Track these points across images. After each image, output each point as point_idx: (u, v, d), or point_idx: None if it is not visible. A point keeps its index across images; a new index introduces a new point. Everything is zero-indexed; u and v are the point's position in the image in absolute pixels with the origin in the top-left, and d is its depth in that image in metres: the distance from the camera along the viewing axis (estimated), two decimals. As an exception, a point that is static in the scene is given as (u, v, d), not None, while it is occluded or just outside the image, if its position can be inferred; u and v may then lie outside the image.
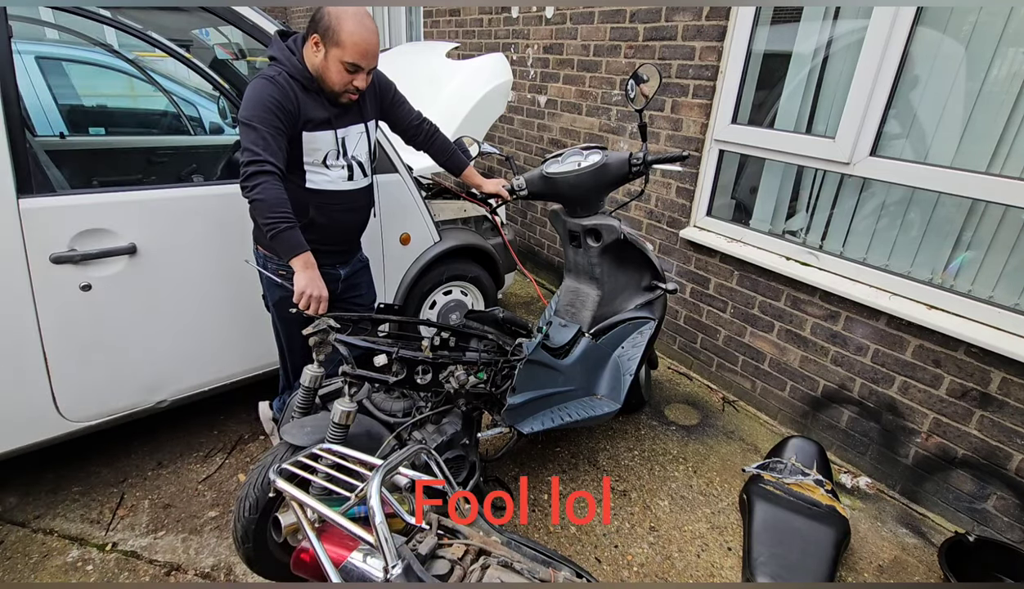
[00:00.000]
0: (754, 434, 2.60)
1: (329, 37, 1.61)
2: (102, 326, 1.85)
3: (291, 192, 1.65)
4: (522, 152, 4.13)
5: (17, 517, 1.93)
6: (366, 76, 1.70)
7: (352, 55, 1.62)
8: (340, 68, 1.64)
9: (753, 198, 2.69)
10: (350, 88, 1.69)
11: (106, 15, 2.29)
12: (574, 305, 2.23)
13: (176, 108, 3.24)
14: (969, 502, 2.05)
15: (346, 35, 1.60)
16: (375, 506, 0.86)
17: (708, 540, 2.01)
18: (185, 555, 1.83)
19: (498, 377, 1.82)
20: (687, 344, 3.07)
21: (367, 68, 1.69)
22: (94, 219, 1.75)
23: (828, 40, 2.27)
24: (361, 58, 1.64)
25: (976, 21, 1.89)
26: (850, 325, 2.28)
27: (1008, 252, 1.92)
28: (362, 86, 1.71)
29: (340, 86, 1.68)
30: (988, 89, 1.90)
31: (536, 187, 2.10)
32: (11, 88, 1.59)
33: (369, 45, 1.64)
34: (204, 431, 2.39)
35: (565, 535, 1.99)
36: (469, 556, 0.92)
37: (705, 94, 2.66)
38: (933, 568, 1.94)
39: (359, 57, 1.64)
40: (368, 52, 1.65)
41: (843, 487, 2.29)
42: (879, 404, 2.26)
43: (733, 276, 2.71)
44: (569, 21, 3.38)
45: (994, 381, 1.92)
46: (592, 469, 2.31)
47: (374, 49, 1.67)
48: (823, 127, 2.33)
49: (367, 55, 1.65)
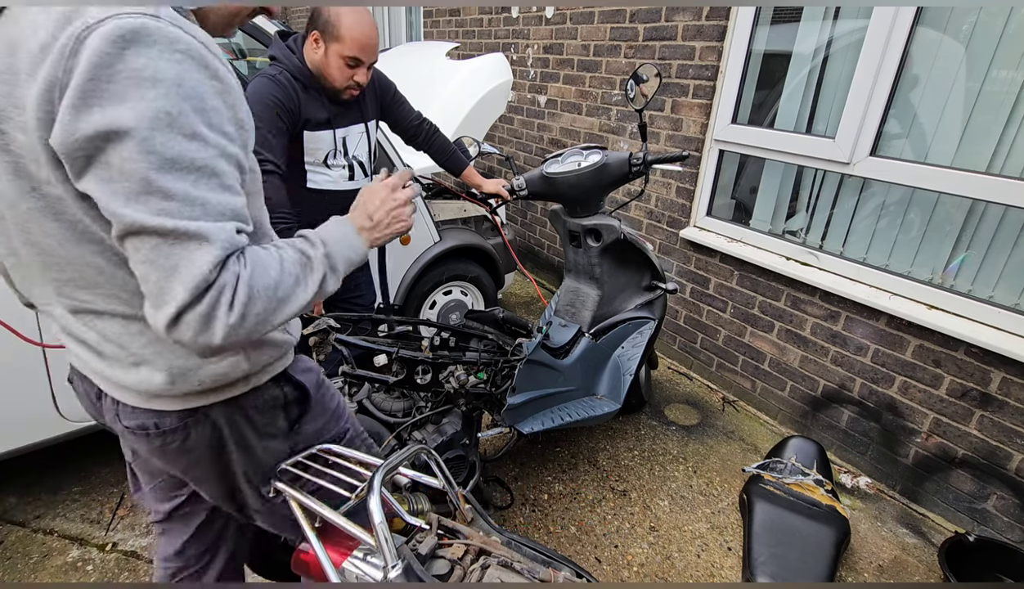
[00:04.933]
0: (754, 434, 2.60)
1: (328, 32, 1.61)
2: (102, 326, 1.85)
3: (292, 192, 1.65)
4: (522, 152, 4.13)
5: (17, 517, 1.93)
6: (366, 70, 1.70)
7: (352, 49, 1.63)
8: (341, 63, 1.65)
9: (753, 198, 2.69)
10: (351, 83, 1.70)
11: (106, 15, 2.29)
12: (574, 305, 2.23)
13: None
14: (969, 502, 2.05)
15: (345, 29, 1.60)
16: (375, 506, 0.86)
17: (708, 540, 2.01)
18: (185, 555, 1.83)
19: (498, 377, 1.82)
20: (687, 344, 3.07)
21: (367, 62, 1.69)
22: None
23: (828, 40, 2.27)
24: (361, 52, 1.65)
25: (976, 21, 1.89)
26: (850, 325, 2.28)
27: (1008, 252, 1.92)
28: (363, 81, 1.71)
29: (341, 82, 1.68)
30: (988, 89, 1.90)
31: (536, 187, 2.10)
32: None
33: (368, 38, 1.65)
34: (204, 431, 2.38)
35: (565, 535, 1.99)
36: (469, 556, 0.92)
37: (705, 94, 2.66)
38: (933, 568, 1.94)
39: (359, 50, 1.64)
40: (368, 45, 1.65)
41: (843, 487, 2.29)
42: (879, 404, 2.26)
43: (733, 276, 2.71)
44: (569, 21, 3.38)
45: (994, 381, 1.92)
46: (592, 469, 2.31)
47: (374, 42, 1.67)
48: (823, 127, 2.33)
49: (367, 48, 1.65)
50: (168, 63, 0.62)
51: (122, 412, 0.86)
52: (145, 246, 0.64)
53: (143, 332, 0.79)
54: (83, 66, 0.59)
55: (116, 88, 0.60)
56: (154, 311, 0.67)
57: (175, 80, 0.63)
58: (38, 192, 0.68)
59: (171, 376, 0.81)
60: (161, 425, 0.85)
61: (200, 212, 0.65)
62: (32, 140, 0.64)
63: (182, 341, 0.67)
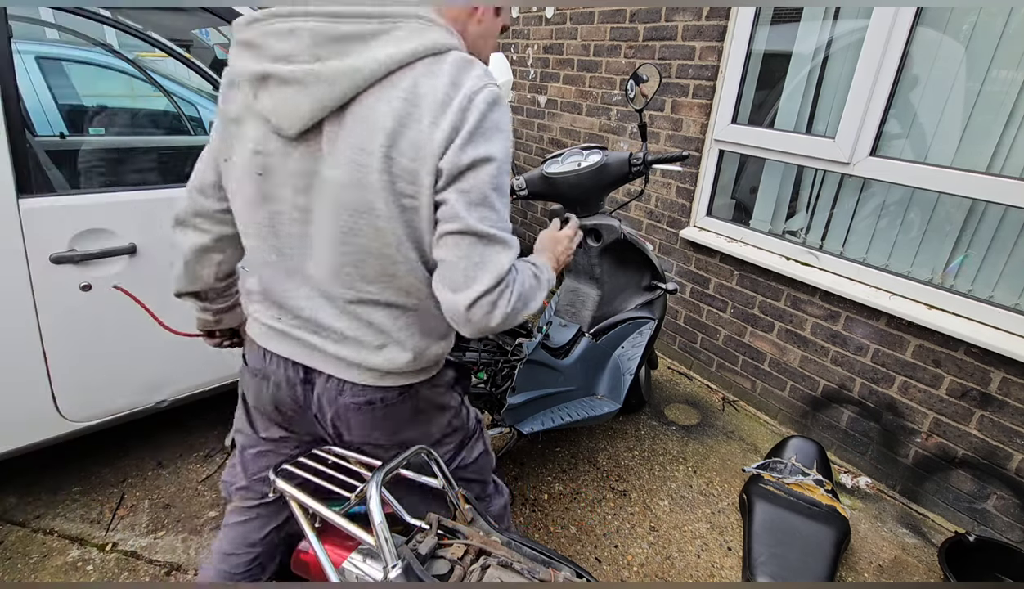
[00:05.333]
0: (754, 434, 2.60)
1: None
2: (102, 326, 1.85)
3: None
4: (522, 152, 4.13)
5: (17, 517, 1.93)
6: None
7: None
8: None
9: (753, 198, 2.69)
10: None
11: (106, 15, 2.29)
12: (574, 305, 2.23)
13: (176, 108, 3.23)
14: (969, 502, 2.05)
15: None
16: (375, 506, 0.86)
17: (708, 540, 2.01)
18: (185, 555, 1.83)
19: (498, 377, 1.82)
20: (687, 344, 3.07)
21: None
22: (94, 219, 1.75)
23: (828, 40, 2.27)
24: None
25: (976, 21, 1.89)
26: (850, 325, 2.28)
27: (1008, 252, 1.92)
28: None
29: None
30: (988, 89, 1.90)
31: (536, 187, 2.10)
32: (11, 88, 1.58)
33: None
34: (204, 431, 2.39)
35: (565, 535, 1.99)
36: (469, 556, 0.92)
37: (705, 94, 2.66)
38: (933, 568, 1.94)
39: None
40: None
41: (843, 487, 2.29)
42: (879, 404, 2.26)
43: (733, 276, 2.71)
44: (569, 21, 3.38)
45: (994, 381, 1.92)
46: (592, 469, 2.31)
47: None
48: (823, 127, 2.33)
49: None
50: (507, 119, 0.93)
51: (348, 391, 1.03)
52: (464, 242, 0.88)
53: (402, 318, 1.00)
54: (473, 117, 0.86)
55: (489, 133, 0.88)
56: (454, 294, 0.89)
57: (508, 130, 0.93)
58: (397, 204, 0.89)
59: (415, 355, 1.02)
60: (386, 399, 1.05)
61: (505, 226, 0.92)
62: (416, 165, 0.86)
63: (471, 319, 0.89)
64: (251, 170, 0.93)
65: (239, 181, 0.96)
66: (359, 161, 0.86)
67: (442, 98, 0.85)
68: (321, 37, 0.83)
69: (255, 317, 1.08)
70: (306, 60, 0.84)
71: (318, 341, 1.01)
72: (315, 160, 0.90)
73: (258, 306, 1.06)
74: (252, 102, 0.90)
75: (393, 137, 0.85)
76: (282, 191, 0.93)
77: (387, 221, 0.89)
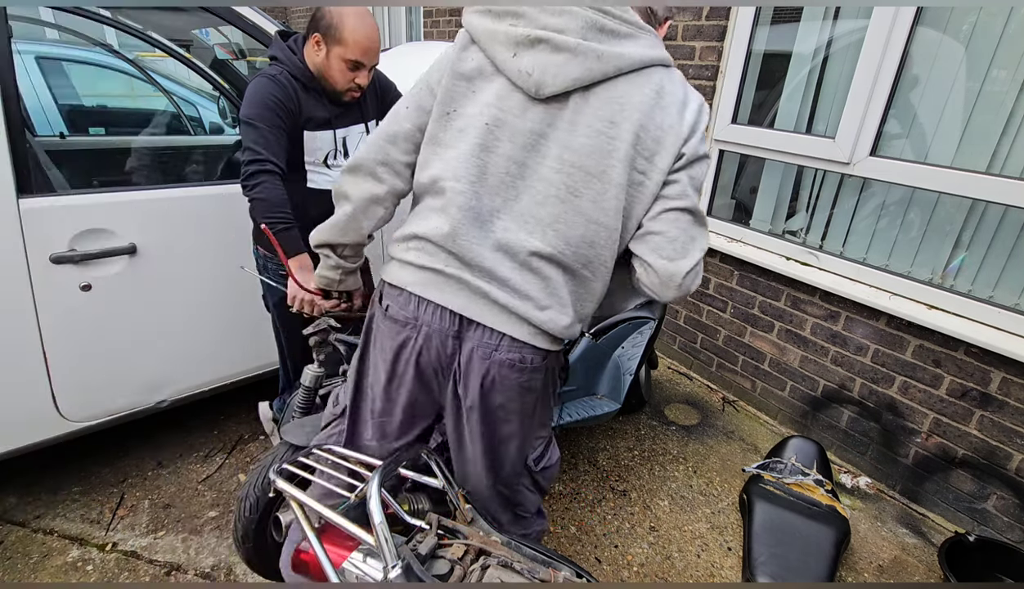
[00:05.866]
0: (754, 434, 2.60)
1: (331, 35, 1.61)
2: (102, 326, 1.85)
3: (292, 192, 1.65)
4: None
5: (17, 517, 1.93)
6: (368, 72, 1.71)
7: (355, 52, 1.63)
8: (342, 66, 1.65)
9: (753, 198, 2.69)
10: (352, 85, 1.70)
11: (106, 15, 2.29)
12: (574, 305, 2.23)
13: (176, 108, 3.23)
14: (969, 502, 2.05)
15: (348, 32, 1.60)
16: (375, 506, 0.86)
17: (708, 540, 2.01)
18: (185, 555, 1.83)
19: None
20: (687, 344, 3.07)
21: (369, 65, 1.69)
22: (94, 219, 1.75)
23: (828, 40, 2.27)
24: (363, 55, 1.65)
25: (976, 21, 1.89)
26: (850, 325, 2.28)
27: (1008, 252, 1.92)
28: (364, 83, 1.71)
29: (343, 84, 1.68)
30: (988, 89, 1.90)
31: None
32: (11, 88, 1.58)
33: (371, 41, 1.65)
34: (204, 431, 2.39)
35: (565, 535, 1.99)
36: (469, 556, 0.92)
37: (705, 94, 2.66)
38: (933, 568, 1.94)
39: (361, 54, 1.64)
40: (370, 49, 1.66)
41: (843, 487, 2.29)
42: (879, 404, 2.26)
43: (733, 276, 2.71)
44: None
45: (994, 381, 1.92)
46: (592, 469, 2.31)
47: (376, 45, 1.68)
48: (823, 127, 2.33)
49: (369, 52, 1.66)
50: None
51: (504, 345, 1.07)
52: (684, 220, 1.05)
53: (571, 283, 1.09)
54: (704, 120, 1.07)
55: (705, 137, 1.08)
56: (671, 262, 1.05)
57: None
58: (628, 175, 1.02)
59: (573, 319, 1.11)
60: (534, 360, 1.10)
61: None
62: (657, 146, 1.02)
63: (682, 284, 1.06)
64: (481, 120, 1.03)
65: (462, 131, 1.05)
66: (608, 133, 1.00)
67: (682, 99, 1.05)
68: (590, 23, 0.98)
69: (418, 264, 1.09)
70: (579, 37, 0.98)
71: (490, 289, 1.05)
72: (550, 124, 1.02)
73: (426, 253, 1.09)
74: (508, 60, 1.01)
75: (645, 119, 1.00)
76: (505, 145, 1.03)
77: (615, 188, 1.02)
